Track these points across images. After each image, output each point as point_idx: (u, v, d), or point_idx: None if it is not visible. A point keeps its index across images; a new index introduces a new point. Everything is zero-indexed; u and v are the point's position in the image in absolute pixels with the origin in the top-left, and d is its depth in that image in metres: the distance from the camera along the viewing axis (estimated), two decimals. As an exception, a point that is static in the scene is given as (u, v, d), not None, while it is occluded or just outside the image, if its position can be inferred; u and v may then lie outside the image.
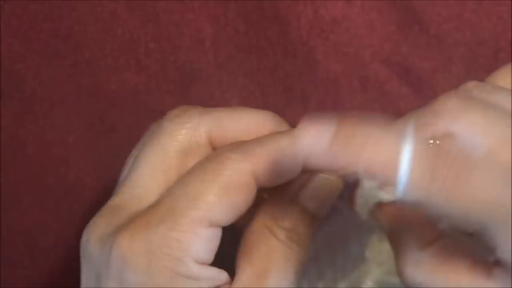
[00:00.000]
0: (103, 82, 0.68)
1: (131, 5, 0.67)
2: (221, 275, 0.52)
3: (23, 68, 0.68)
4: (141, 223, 0.51)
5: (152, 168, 0.53)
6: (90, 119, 0.57)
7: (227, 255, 0.52)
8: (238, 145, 0.53)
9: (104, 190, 0.68)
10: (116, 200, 0.53)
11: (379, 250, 0.57)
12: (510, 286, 0.47)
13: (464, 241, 0.49)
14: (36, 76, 0.67)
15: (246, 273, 0.52)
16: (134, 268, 0.50)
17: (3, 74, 0.67)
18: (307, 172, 0.53)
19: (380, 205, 0.51)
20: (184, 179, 0.52)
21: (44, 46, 0.68)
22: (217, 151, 0.53)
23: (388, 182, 0.47)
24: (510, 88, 0.50)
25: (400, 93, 0.68)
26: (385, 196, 0.53)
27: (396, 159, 0.46)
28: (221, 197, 0.50)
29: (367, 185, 0.54)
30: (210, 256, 0.51)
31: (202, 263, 0.51)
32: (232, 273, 0.52)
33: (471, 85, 0.49)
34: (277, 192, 0.53)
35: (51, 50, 0.67)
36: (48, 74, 0.68)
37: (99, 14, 0.67)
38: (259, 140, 0.53)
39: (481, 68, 0.66)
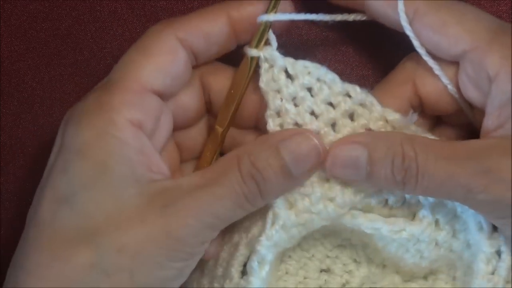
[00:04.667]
0: (103, 82, 0.68)
1: (131, 5, 0.68)
2: (160, 164, 0.55)
3: (23, 67, 0.68)
4: (87, 94, 0.56)
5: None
6: (90, 119, 0.57)
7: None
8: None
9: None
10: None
11: None
12: None
13: None
14: (36, 75, 0.68)
15: (192, 177, 0.54)
16: (70, 127, 0.54)
17: (3, 73, 0.68)
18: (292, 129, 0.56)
19: None
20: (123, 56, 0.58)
21: (44, 45, 0.68)
22: None
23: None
24: None
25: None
26: None
27: None
28: (145, 60, 0.56)
29: None
30: (149, 122, 0.55)
31: (139, 127, 0.54)
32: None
33: None
34: (261, 137, 0.56)
35: (51, 50, 0.68)
36: (48, 73, 0.68)
37: (99, 13, 0.68)
38: (187, 16, 0.58)
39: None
